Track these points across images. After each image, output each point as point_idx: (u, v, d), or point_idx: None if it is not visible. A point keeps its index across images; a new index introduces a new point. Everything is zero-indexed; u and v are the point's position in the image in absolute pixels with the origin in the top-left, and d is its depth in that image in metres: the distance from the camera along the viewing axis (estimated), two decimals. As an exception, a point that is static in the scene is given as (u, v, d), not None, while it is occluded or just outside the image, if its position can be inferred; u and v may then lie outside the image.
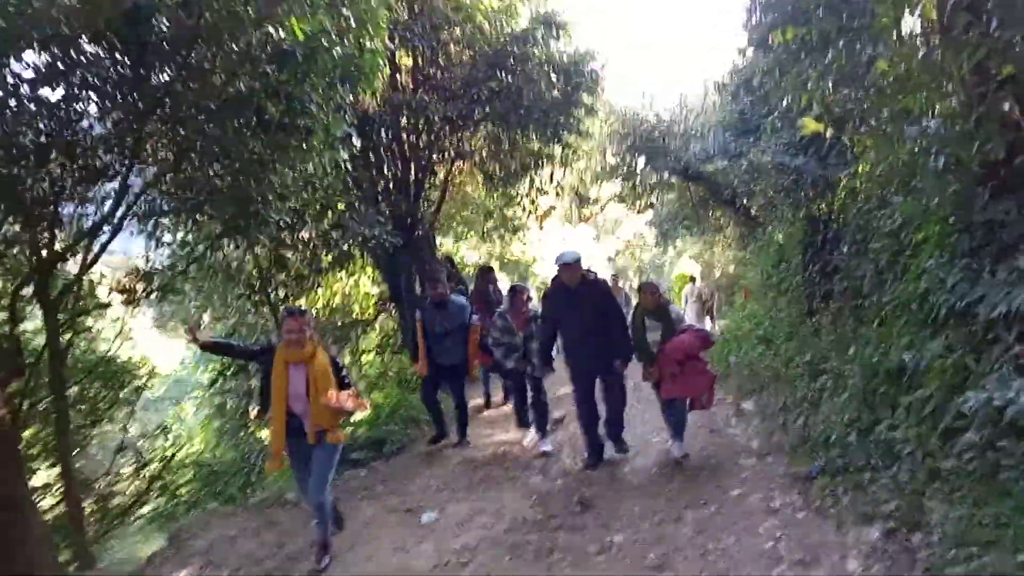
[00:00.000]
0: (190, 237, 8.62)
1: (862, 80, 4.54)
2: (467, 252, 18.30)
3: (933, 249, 4.44)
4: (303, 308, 4.20)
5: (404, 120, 10.19)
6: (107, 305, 7.76)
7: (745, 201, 13.55)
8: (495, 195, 13.81)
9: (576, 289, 6.10)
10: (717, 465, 6.06)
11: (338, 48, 5.86)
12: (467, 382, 7.72)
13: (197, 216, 6.56)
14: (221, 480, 10.65)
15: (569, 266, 6.08)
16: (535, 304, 7.35)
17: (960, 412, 3.76)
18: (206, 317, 14.21)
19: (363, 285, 14.20)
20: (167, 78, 5.87)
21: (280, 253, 8.67)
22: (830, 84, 4.49)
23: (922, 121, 4.25)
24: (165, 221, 7.58)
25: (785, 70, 5.09)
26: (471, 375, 7.57)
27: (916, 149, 4.21)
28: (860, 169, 6.94)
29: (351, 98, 6.43)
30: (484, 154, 12.23)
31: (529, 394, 7.24)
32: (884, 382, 5.10)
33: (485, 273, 9.02)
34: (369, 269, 13.34)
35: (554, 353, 6.75)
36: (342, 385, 4.69)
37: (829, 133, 4.33)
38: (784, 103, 8.09)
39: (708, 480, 5.70)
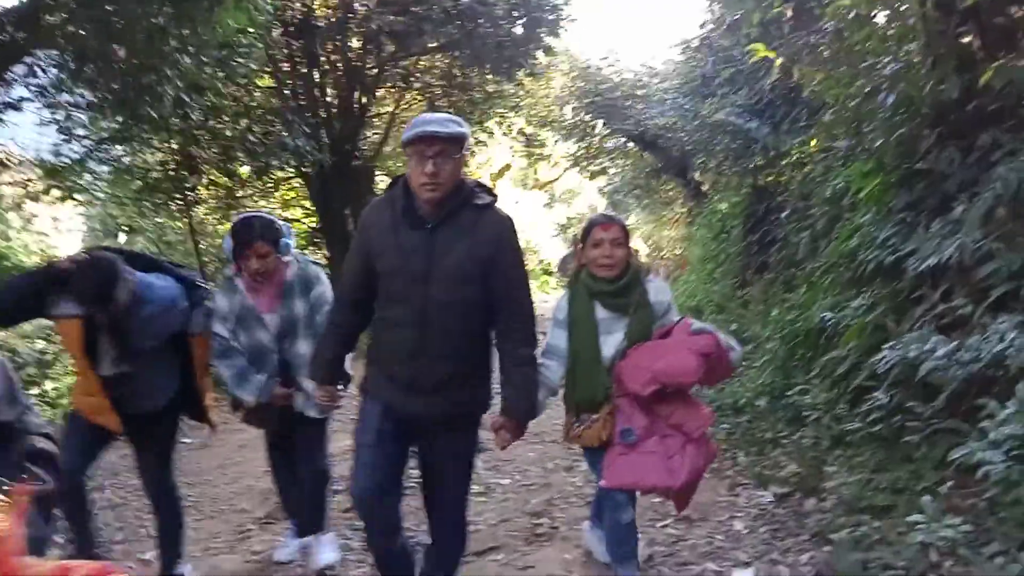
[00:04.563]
0: (106, 133, 7.84)
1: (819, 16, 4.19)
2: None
3: (871, 204, 4.15)
4: None
5: (351, 38, 9.54)
6: None
7: (697, 175, 13.26)
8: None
9: (435, 217, 2.31)
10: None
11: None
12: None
13: (86, 94, 5.80)
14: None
15: (428, 143, 2.20)
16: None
17: (873, 372, 3.50)
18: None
19: (296, 212, 13.53)
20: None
21: (188, 152, 7.80)
22: (788, 12, 4.13)
23: (879, 63, 3.92)
24: (81, 115, 6.86)
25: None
26: (210, 425, 3.16)
27: (868, 88, 3.88)
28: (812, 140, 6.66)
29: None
30: (434, 87, 11.64)
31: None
32: (802, 345, 4.88)
33: None
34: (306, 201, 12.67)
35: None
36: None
37: (779, 63, 3.95)
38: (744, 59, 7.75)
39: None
